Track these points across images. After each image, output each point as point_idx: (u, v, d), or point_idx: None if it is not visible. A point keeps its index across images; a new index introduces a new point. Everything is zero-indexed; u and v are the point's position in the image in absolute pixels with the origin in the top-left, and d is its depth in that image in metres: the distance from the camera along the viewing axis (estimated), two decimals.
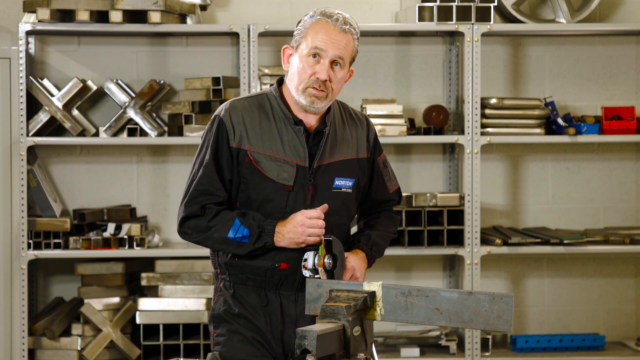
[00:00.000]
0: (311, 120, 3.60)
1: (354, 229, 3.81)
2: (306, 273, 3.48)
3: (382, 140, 4.18)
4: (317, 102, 3.53)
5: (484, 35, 5.94)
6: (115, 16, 5.66)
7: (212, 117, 3.60)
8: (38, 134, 5.83)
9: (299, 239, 3.48)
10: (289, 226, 3.49)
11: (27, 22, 5.72)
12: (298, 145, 3.57)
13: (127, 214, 6.01)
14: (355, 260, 3.61)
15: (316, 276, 3.46)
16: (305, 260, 3.49)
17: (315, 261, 3.47)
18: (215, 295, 3.67)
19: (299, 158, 3.56)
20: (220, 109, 3.60)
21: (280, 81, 3.66)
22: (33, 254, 5.74)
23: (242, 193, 3.58)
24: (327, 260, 3.47)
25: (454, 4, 5.83)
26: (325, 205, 3.52)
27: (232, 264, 3.60)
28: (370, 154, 3.72)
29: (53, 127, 5.98)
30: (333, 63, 3.52)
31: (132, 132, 5.84)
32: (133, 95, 5.93)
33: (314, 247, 3.49)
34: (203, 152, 3.58)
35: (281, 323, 3.59)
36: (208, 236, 3.55)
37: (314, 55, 3.50)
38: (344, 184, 3.63)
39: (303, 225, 3.47)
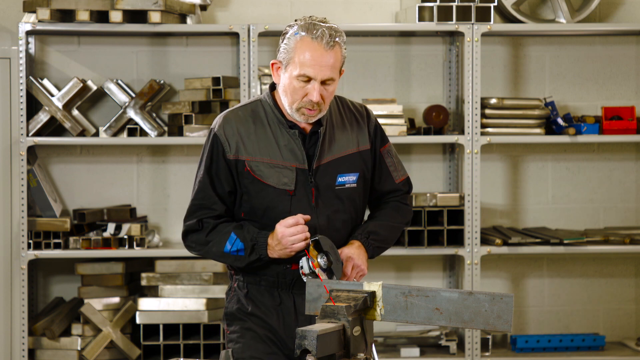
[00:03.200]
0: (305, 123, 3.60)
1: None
2: (305, 279, 3.46)
3: None
4: (312, 118, 3.54)
5: (484, 35, 5.94)
6: (115, 16, 5.66)
7: (209, 130, 3.61)
8: (38, 134, 5.83)
9: (286, 250, 3.49)
10: (274, 241, 3.50)
11: (27, 22, 5.72)
12: (295, 148, 3.56)
13: (127, 214, 6.01)
14: (349, 249, 3.59)
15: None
16: (301, 267, 3.49)
17: (310, 265, 3.47)
18: (229, 295, 3.69)
19: (297, 161, 3.56)
20: (215, 123, 3.60)
21: (273, 86, 3.65)
22: (33, 254, 5.74)
23: (245, 203, 3.58)
24: (321, 260, 3.47)
25: (454, 4, 5.83)
26: (308, 216, 3.51)
27: None
28: (372, 144, 3.69)
29: (53, 127, 5.97)
30: (323, 82, 3.49)
31: (132, 132, 5.84)
32: (133, 95, 5.93)
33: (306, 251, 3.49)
34: (201, 167, 3.61)
35: (295, 322, 3.59)
36: (208, 250, 3.58)
37: (304, 79, 3.48)
38: (347, 179, 3.62)
39: (284, 236, 3.47)
